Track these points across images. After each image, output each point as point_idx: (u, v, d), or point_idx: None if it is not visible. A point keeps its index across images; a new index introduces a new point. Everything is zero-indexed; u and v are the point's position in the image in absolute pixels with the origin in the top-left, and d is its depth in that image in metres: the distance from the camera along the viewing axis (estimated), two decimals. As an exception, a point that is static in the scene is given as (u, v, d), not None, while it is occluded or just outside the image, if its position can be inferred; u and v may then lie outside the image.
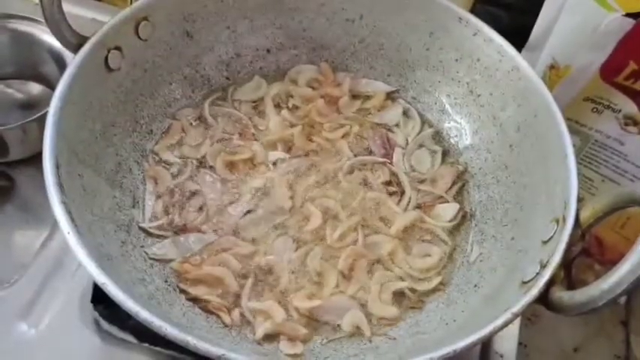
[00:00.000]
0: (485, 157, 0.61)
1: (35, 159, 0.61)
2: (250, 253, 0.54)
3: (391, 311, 0.52)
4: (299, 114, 0.64)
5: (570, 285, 0.45)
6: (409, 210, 0.59)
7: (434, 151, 0.63)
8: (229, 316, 0.50)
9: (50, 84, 0.68)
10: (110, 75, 0.54)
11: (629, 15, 0.53)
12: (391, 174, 0.61)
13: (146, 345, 0.53)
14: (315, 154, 0.61)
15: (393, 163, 0.62)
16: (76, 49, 0.51)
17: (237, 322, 0.50)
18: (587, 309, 0.42)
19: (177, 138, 0.60)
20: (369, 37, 0.66)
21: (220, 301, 0.51)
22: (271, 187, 0.58)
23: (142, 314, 0.39)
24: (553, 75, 0.61)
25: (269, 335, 0.50)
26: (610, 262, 0.64)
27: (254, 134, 0.62)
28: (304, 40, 0.66)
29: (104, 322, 0.54)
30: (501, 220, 0.57)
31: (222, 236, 0.54)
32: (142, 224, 0.54)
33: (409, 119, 0.65)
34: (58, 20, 0.50)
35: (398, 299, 0.53)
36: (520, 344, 0.59)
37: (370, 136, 0.63)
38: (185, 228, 0.55)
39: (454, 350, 0.40)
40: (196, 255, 0.53)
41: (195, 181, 0.58)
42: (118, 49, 0.54)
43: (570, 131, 0.51)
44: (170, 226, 0.55)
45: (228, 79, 0.65)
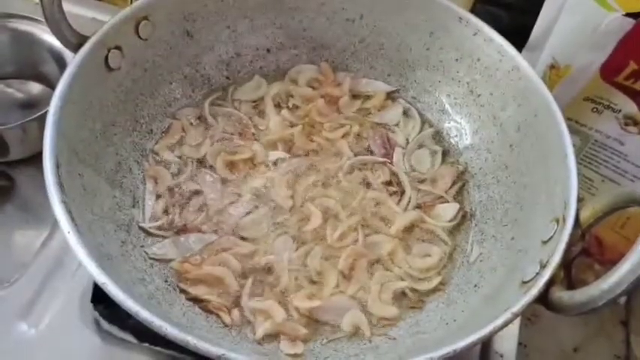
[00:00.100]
0: (486, 157, 0.61)
1: (35, 158, 0.62)
2: (250, 252, 0.54)
3: (391, 311, 0.52)
4: (299, 114, 0.64)
5: (570, 285, 0.45)
6: (409, 210, 0.59)
7: (434, 151, 0.63)
8: (229, 316, 0.50)
9: (50, 83, 0.68)
10: (110, 74, 0.54)
11: (629, 15, 0.53)
12: (391, 174, 0.61)
13: (146, 345, 0.53)
14: (316, 153, 0.61)
15: (393, 162, 0.62)
16: (76, 48, 0.51)
17: (238, 322, 0.50)
18: (587, 309, 0.42)
19: (177, 137, 0.60)
20: (369, 37, 0.66)
21: (220, 301, 0.51)
22: (271, 187, 0.58)
23: (142, 314, 0.39)
24: (553, 75, 0.61)
25: (269, 335, 0.50)
26: (610, 262, 0.63)
27: (254, 134, 0.62)
28: (304, 40, 0.66)
29: (104, 322, 0.54)
30: (501, 220, 0.57)
31: (222, 236, 0.54)
32: (142, 224, 0.54)
33: (409, 119, 0.65)
34: (58, 20, 0.50)
35: (398, 299, 0.53)
36: (520, 344, 0.59)
37: (370, 136, 0.63)
38: (185, 228, 0.55)
39: (454, 350, 0.40)
40: (196, 255, 0.53)
41: (196, 181, 0.58)
42: (118, 48, 0.54)
43: (570, 131, 0.51)
44: (170, 226, 0.55)
45: (228, 78, 0.65)
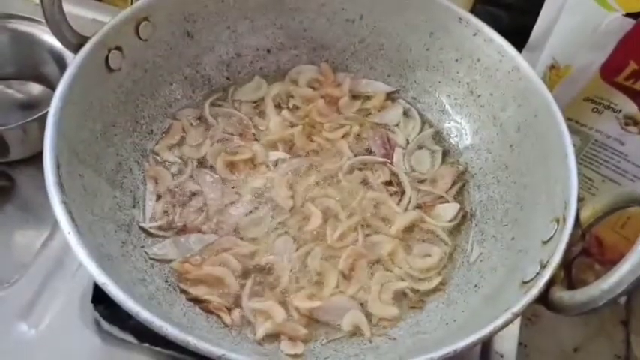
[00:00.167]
0: (486, 157, 0.61)
1: (36, 159, 0.62)
2: (250, 253, 0.54)
3: (391, 311, 0.52)
4: (299, 114, 0.64)
5: (570, 285, 0.45)
6: (409, 210, 0.59)
7: (434, 152, 0.63)
8: (230, 316, 0.50)
9: (51, 84, 0.68)
10: (111, 75, 0.54)
11: (629, 15, 0.53)
12: (391, 174, 0.61)
13: (146, 345, 0.53)
14: (316, 154, 0.61)
15: (393, 163, 0.62)
16: (77, 49, 0.51)
17: (238, 322, 0.50)
18: (587, 309, 0.42)
19: (177, 138, 0.60)
20: (369, 38, 0.66)
21: (221, 301, 0.51)
22: (271, 187, 0.58)
23: (143, 314, 0.39)
24: (553, 75, 0.61)
25: (269, 335, 0.50)
26: (610, 262, 0.63)
27: (254, 134, 0.62)
28: (305, 41, 0.66)
29: (104, 322, 0.54)
30: (501, 220, 0.57)
31: (222, 236, 0.54)
32: (143, 224, 0.54)
33: (409, 119, 0.66)
34: (58, 20, 0.50)
35: (398, 299, 0.53)
36: (520, 344, 0.59)
37: (370, 136, 0.63)
38: (185, 228, 0.55)
39: (454, 350, 0.40)
40: (197, 255, 0.53)
41: (196, 182, 0.58)
42: (118, 49, 0.54)
43: (570, 131, 0.51)
44: (170, 226, 0.55)
45: (228, 79, 0.65)
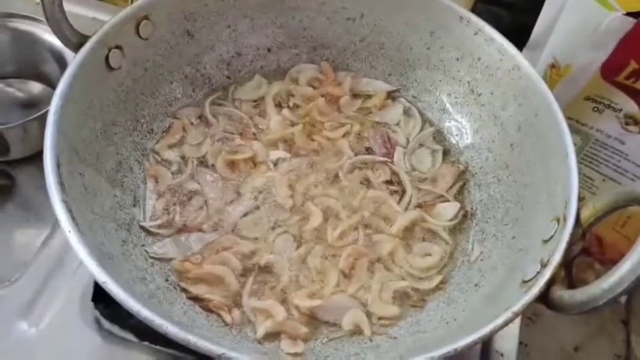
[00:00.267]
0: (486, 157, 0.61)
1: (36, 158, 0.62)
2: (251, 251, 0.54)
3: (392, 310, 0.52)
4: (300, 113, 0.64)
5: (571, 284, 0.45)
6: (410, 209, 0.59)
7: (435, 150, 0.63)
8: (230, 315, 0.50)
9: (51, 83, 0.68)
10: (111, 74, 0.54)
11: (629, 14, 0.53)
12: (392, 173, 0.61)
13: (147, 344, 0.53)
14: (316, 153, 0.61)
15: (393, 162, 0.62)
16: (77, 48, 0.51)
17: (238, 321, 0.50)
18: (587, 308, 0.42)
19: (177, 137, 0.60)
20: (369, 36, 0.66)
21: (221, 300, 0.51)
22: (272, 186, 0.58)
23: (143, 313, 0.39)
24: (554, 74, 0.61)
25: (270, 334, 0.50)
26: (610, 262, 0.64)
27: (255, 133, 0.62)
28: (305, 39, 0.66)
29: (105, 321, 0.54)
30: (502, 219, 0.57)
31: (222, 235, 0.54)
32: (143, 223, 0.54)
33: (410, 118, 0.65)
34: (59, 19, 0.50)
35: (398, 298, 0.53)
36: (521, 343, 0.59)
37: (371, 135, 0.63)
38: (186, 227, 0.55)
39: (455, 349, 0.40)
40: (197, 254, 0.53)
41: (196, 181, 0.58)
42: (118, 48, 0.54)
43: (571, 130, 0.51)
44: (171, 225, 0.55)
45: (228, 78, 0.65)
